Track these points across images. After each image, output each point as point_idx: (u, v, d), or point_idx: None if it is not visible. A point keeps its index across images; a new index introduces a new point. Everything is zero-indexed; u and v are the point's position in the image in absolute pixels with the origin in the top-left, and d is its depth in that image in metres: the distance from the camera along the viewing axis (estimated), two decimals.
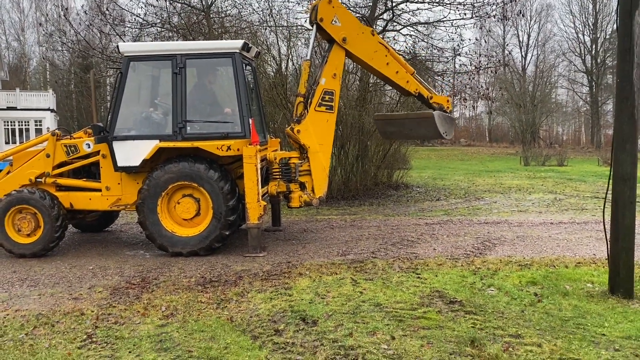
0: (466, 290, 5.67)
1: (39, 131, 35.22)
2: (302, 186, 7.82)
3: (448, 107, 8.64)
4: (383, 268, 6.63)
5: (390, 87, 10.60)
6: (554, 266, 6.60)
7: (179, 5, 14.25)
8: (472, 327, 4.68)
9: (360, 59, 8.19)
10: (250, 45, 8.03)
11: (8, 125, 35.18)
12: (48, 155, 7.84)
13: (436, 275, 6.23)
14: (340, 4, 8.15)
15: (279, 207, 9.46)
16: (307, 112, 7.79)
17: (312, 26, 7.99)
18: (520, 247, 7.72)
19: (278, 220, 9.45)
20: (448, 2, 13.72)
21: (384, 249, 7.69)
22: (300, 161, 7.86)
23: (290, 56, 14.56)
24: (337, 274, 6.43)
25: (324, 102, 7.86)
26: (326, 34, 7.96)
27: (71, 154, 7.86)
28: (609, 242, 5.52)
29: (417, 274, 6.34)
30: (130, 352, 4.36)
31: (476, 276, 6.20)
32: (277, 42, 14.40)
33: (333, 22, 7.86)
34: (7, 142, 33.88)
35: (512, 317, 4.91)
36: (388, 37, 14.69)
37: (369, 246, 7.92)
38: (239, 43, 7.58)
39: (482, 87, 16.96)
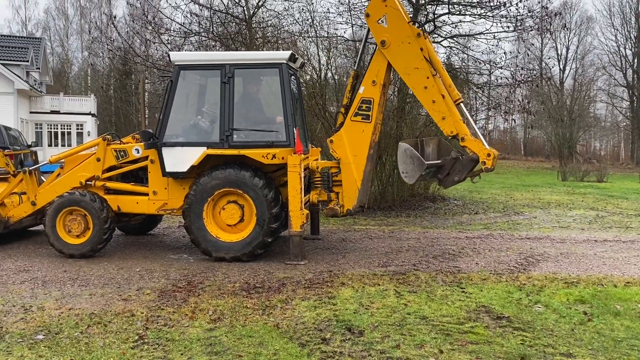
0: (513, 306, 5.61)
1: (80, 135, 36.30)
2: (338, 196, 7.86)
3: (485, 162, 7.10)
4: (426, 281, 6.61)
5: None
6: (602, 285, 6.46)
7: (223, 15, 14.56)
8: (521, 343, 4.63)
9: (397, 71, 7.61)
10: (296, 56, 8.15)
11: (51, 128, 36.34)
12: (98, 159, 8.08)
13: (481, 290, 6.18)
14: (397, 5, 7.37)
15: (318, 215, 9.53)
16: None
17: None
18: (565, 264, 7.58)
19: (317, 228, 9.51)
20: (491, 15, 13.64)
21: (425, 262, 7.66)
22: (336, 171, 7.90)
23: (330, 67, 14.70)
24: (379, 285, 6.44)
25: (360, 112, 7.60)
26: None
27: (120, 159, 8.08)
28: None
29: (462, 288, 6.29)
30: (182, 354, 4.47)
31: (522, 292, 6.12)
32: (318, 52, 14.57)
33: (379, 22, 7.35)
34: (49, 145, 34.96)
35: (562, 335, 4.83)
36: None
37: (409, 258, 7.90)
38: (286, 54, 7.70)
39: (520, 100, 16.70)
